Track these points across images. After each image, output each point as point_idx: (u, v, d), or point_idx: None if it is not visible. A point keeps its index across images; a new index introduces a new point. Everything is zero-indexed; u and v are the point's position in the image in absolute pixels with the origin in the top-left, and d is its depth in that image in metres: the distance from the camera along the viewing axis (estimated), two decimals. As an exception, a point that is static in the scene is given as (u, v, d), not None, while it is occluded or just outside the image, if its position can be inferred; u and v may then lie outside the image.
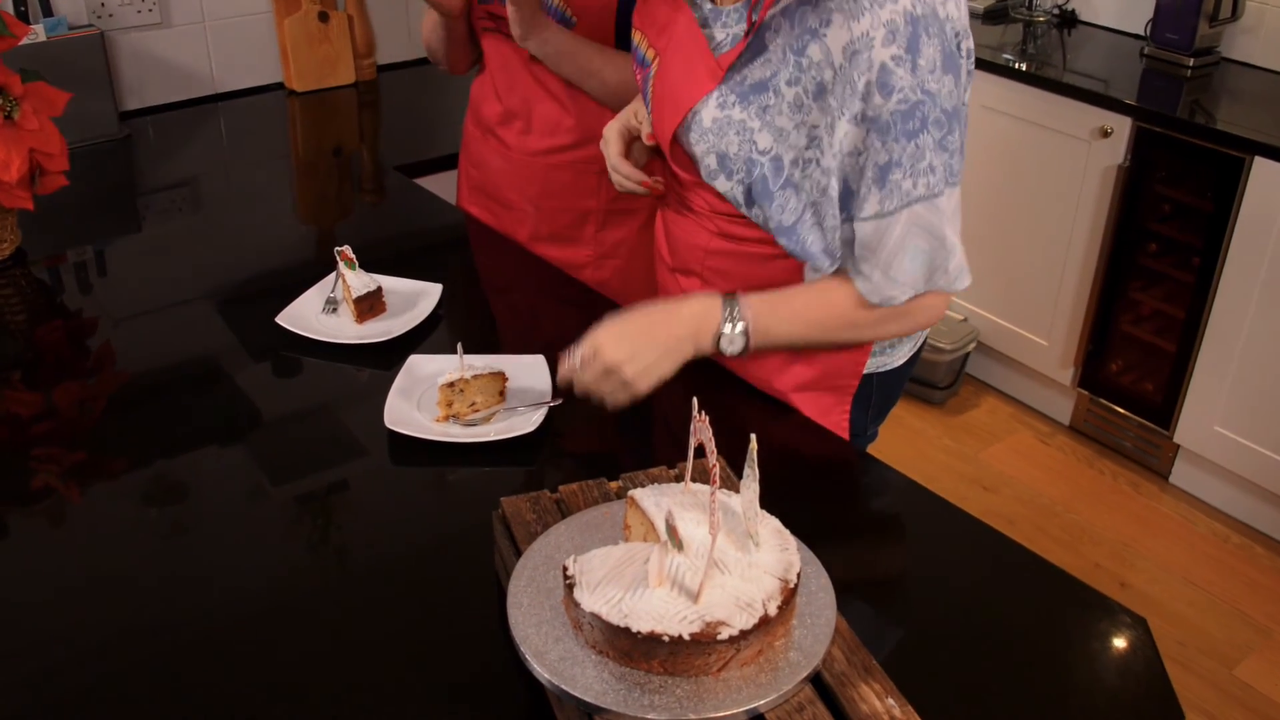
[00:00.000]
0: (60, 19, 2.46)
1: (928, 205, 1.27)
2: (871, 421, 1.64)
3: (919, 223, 1.28)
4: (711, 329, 1.36)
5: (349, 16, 2.84)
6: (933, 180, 1.26)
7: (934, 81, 1.22)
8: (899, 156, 1.24)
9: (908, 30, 1.19)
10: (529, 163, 1.94)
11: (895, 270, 1.32)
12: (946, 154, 1.26)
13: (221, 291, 1.85)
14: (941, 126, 1.24)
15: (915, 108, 1.22)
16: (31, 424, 1.51)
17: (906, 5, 1.19)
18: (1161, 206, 2.94)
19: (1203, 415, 2.97)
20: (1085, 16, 3.61)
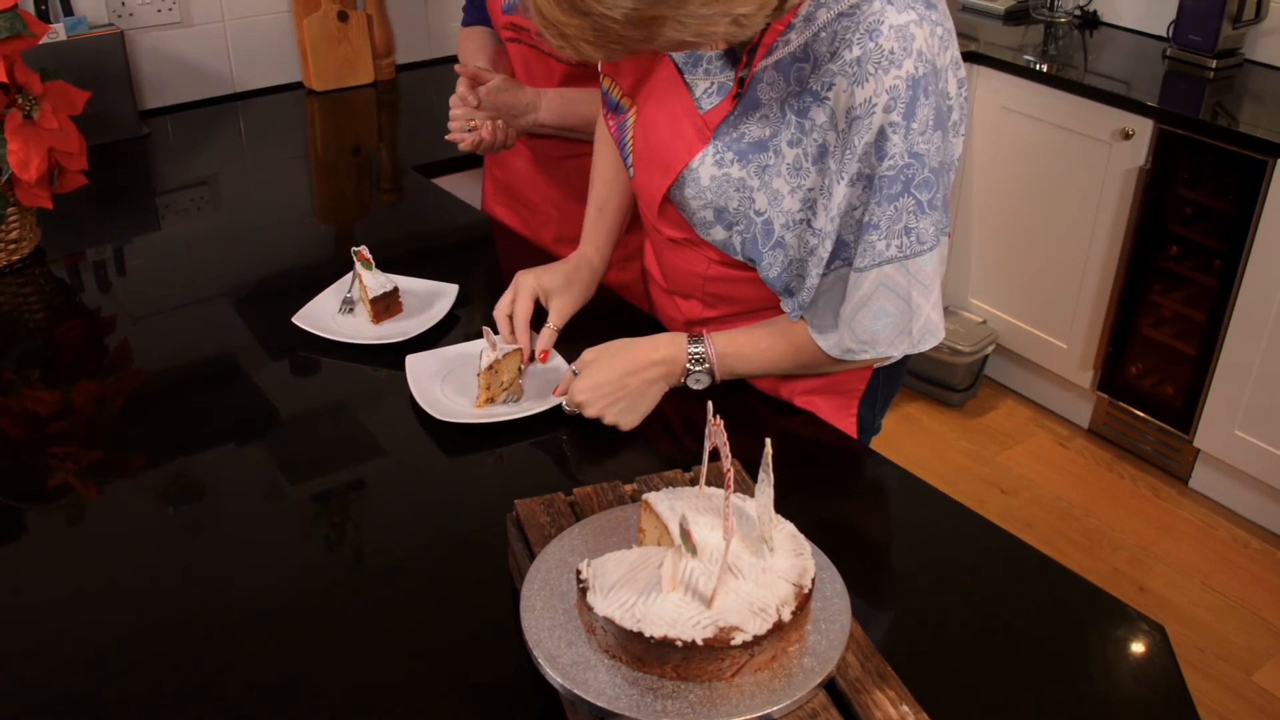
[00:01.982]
0: (80, 18, 2.47)
1: (899, 267, 1.28)
2: (878, 415, 1.65)
3: (888, 283, 1.29)
4: (679, 372, 1.42)
5: (368, 16, 2.85)
6: (907, 242, 1.27)
7: (924, 143, 1.22)
8: (878, 219, 1.25)
9: (908, 95, 1.20)
10: (552, 165, 1.94)
11: (858, 328, 1.33)
12: (931, 214, 1.27)
13: (239, 290, 1.85)
14: (928, 188, 1.25)
15: (902, 172, 1.23)
16: (50, 422, 1.51)
17: (910, 69, 1.19)
18: (1183, 209, 2.92)
19: (1223, 419, 2.94)
20: (1107, 17, 3.59)
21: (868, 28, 1.20)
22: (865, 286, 1.30)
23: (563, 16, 1.07)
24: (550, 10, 1.07)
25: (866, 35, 1.20)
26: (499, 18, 1.90)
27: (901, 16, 1.19)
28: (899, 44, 1.19)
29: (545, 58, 1.86)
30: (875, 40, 1.19)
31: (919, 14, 1.20)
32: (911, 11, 1.20)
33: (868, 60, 1.19)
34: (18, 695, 1.08)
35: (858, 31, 1.20)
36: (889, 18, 1.19)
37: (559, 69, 1.85)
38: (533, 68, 1.89)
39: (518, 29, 1.87)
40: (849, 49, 1.21)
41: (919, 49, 1.19)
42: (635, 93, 1.46)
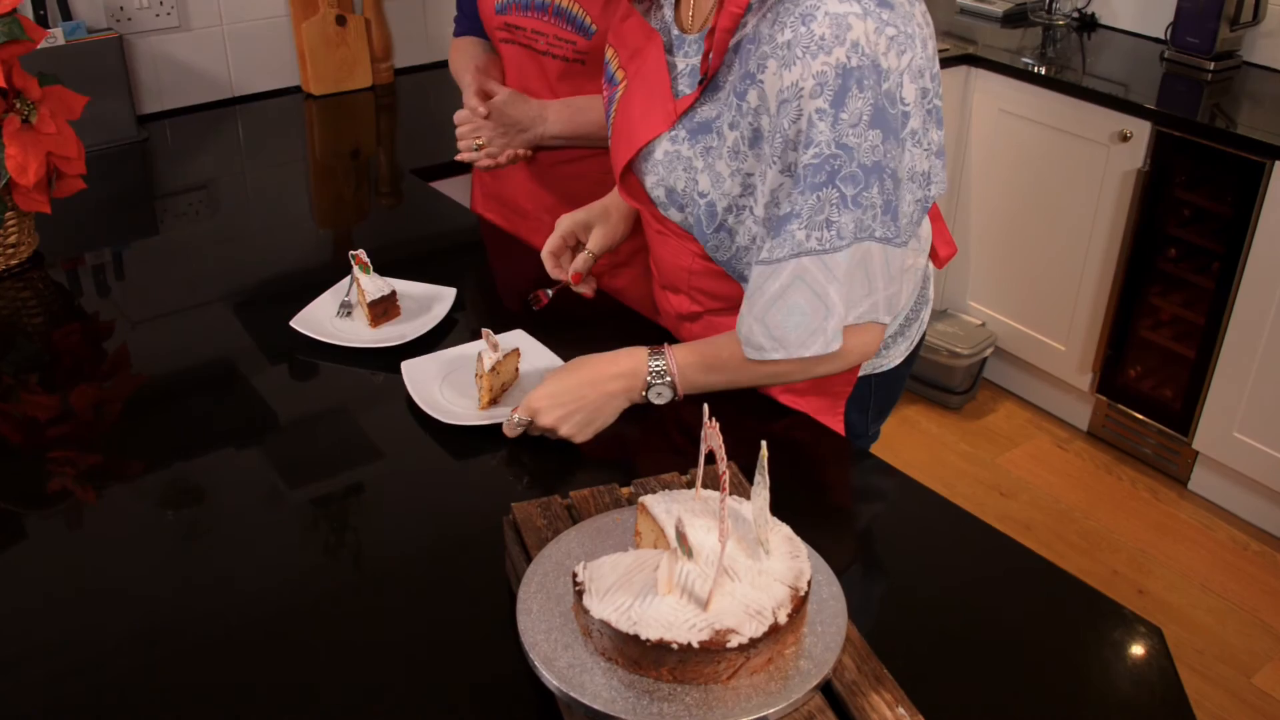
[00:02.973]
0: (79, 23, 2.47)
1: (817, 260, 1.25)
2: (872, 422, 1.64)
3: (804, 276, 1.26)
4: (640, 386, 1.40)
5: (366, 20, 2.85)
6: (827, 235, 1.23)
7: (854, 136, 1.20)
8: (800, 208, 1.23)
9: (837, 83, 1.18)
10: (545, 171, 1.95)
11: (770, 321, 1.30)
12: (857, 210, 1.23)
13: (238, 294, 1.85)
14: (855, 182, 1.21)
15: (826, 161, 1.20)
16: (48, 426, 1.51)
17: (840, 57, 1.17)
18: (1181, 211, 2.92)
19: (1222, 421, 2.94)
20: (1105, 20, 3.59)
21: (803, 13, 1.19)
22: (782, 277, 1.26)
23: None
24: None
25: (800, 19, 1.19)
26: (492, 19, 1.90)
27: (842, 6, 1.18)
28: (831, 31, 1.17)
29: (539, 58, 1.86)
30: (808, 25, 1.18)
31: (864, 8, 1.18)
32: (855, 4, 1.18)
33: (797, 44, 1.18)
34: (17, 700, 1.08)
35: (793, 14, 1.19)
36: (827, 4, 1.18)
37: (553, 68, 1.86)
38: (526, 69, 1.90)
39: (511, 29, 1.87)
40: (782, 31, 1.20)
41: (855, 40, 1.17)
42: (628, 66, 1.46)
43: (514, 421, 1.38)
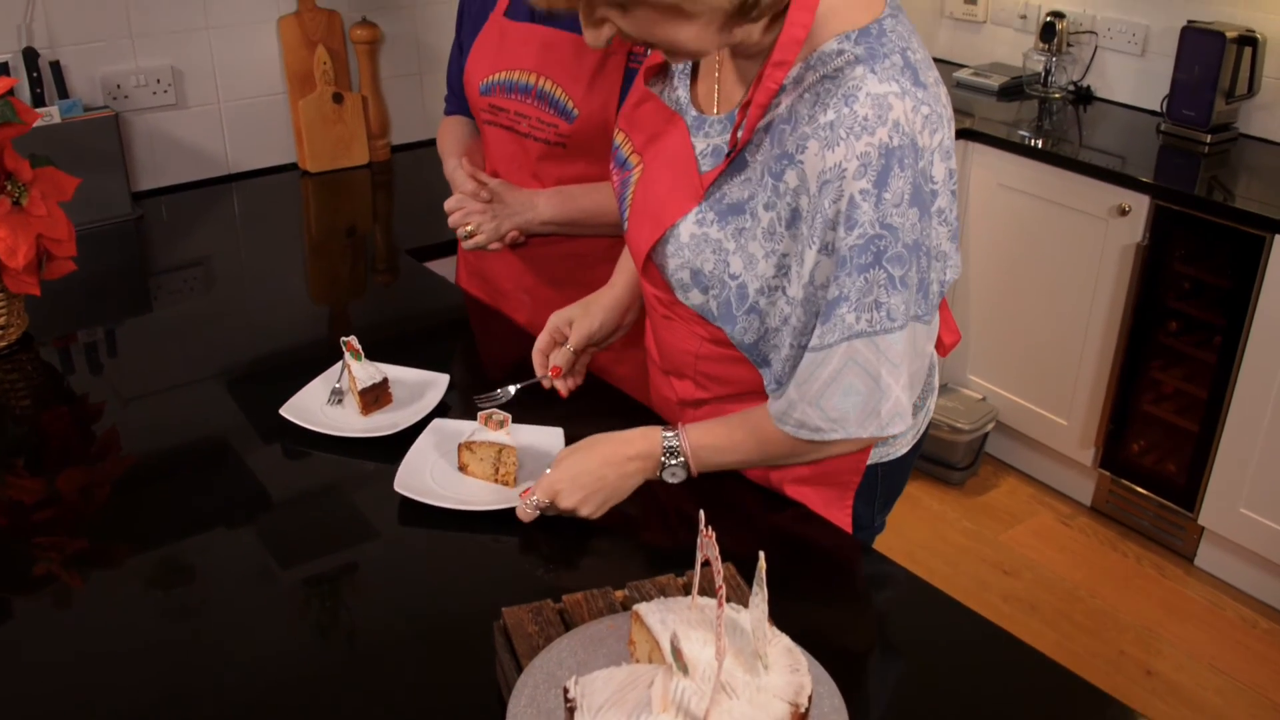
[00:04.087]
0: (75, 101, 2.47)
1: (868, 342, 1.24)
2: (879, 512, 1.60)
3: (857, 359, 1.25)
4: (655, 466, 1.41)
5: (364, 97, 2.85)
6: (877, 316, 1.23)
7: (898, 215, 1.19)
8: (848, 291, 1.22)
9: (880, 163, 1.17)
10: (525, 252, 1.94)
11: (825, 404, 1.29)
12: (904, 291, 1.23)
13: (232, 372, 1.84)
14: (901, 263, 1.21)
15: (872, 242, 1.19)
16: (34, 510, 1.49)
17: (883, 137, 1.17)
18: (1181, 284, 2.91)
19: (1227, 497, 2.91)
20: (1100, 93, 3.60)
21: (845, 93, 1.18)
22: (834, 362, 1.25)
23: None
24: None
25: (843, 100, 1.18)
26: (477, 100, 1.91)
27: (882, 86, 1.18)
28: (874, 111, 1.17)
29: (521, 139, 1.87)
30: (850, 105, 1.17)
31: (902, 87, 1.18)
32: (894, 84, 1.18)
33: (840, 124, 1.17)
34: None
35: (835, 95, 1.19)
36: (868, 85, 1.18)
37: (535, 150, 1.86)
38: (508, 150, 1.90)
39: (495, 110, 1.88)
40: (824, 112, 1.19)
41: (895, 119, 1.17)
42: (645, 150, 1.44)
43: (531, 504, 1.38)
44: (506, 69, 1.85)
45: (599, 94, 1.77)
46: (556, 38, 1.80)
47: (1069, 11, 3.59)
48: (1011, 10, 3.82)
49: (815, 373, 1.27)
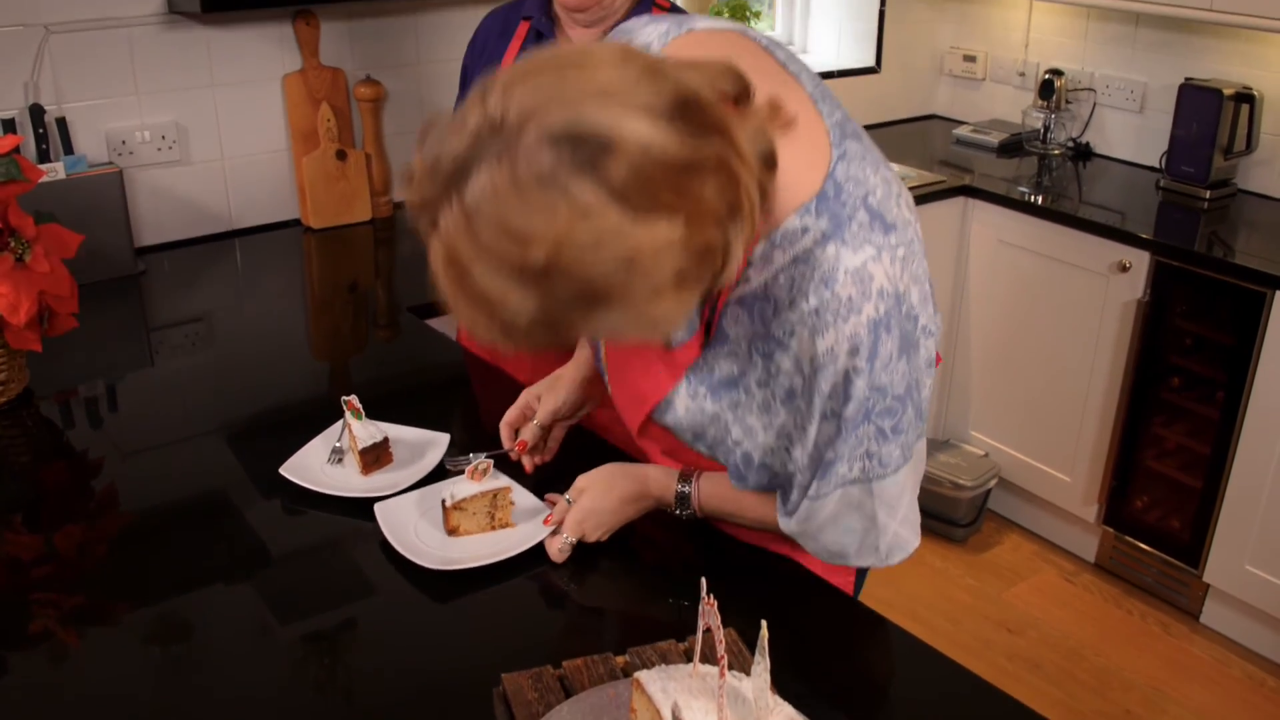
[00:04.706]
0: (80, 157, 2.48)
1: (863, 488, 1.23)
2: None
3: (850, 502, 1.25)
4: (667, 506, 1.47)
5: (367, 154, 2.87)
6: (869, 465, 1.22)
7: (885, 375, 1.17)
8: (842, 450, 1.21)
9: (870, 338, 1.14)
10: None
11: (825, 540, 1.30)
12: (895, 438, 1.21)
13: (232, 427, 1.84)
14: (891, 415, 1.19)
15: (863, 404, 1.17)
16: (32, 567, 1.49)
17: (870, 312, 1.13)
18: (1183, 340, 2.91)
19: (1232, 553, 2.89)
20: (1100, 149, 3.63)
21: (823, 276, 1.13)
22: (830, 506, 1.26)
23: (470, 312, 0.97)
24: (458, 306, 0.98)
25: (823, 284, 1.13)
26: None
27: (857, 256, 1.13)
28: (857, 289, 1.12)
29: None
30: (832, 288, 1.13)
31: (876, 246, 1.13)
32: (868, 247, 1.13)
33: (825, 310, 1.13)
34: None
35: (813, 280, 1.14)
36: (844, 261, 1.12)
37: None
38: None
39: None
40: (806, 299, 1.15)
41: (879, 287, 1.13)
42: None
43: (561, 544, 1.43)
44: None
45: None
46: None
47: (1067, 69, 3.62)
48: (1010, 68, 3.85)
49: (813, 515, 1.28)
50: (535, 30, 1.90)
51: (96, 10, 2.49)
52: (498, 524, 1.48)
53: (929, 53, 4.07)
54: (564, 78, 0.92)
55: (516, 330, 0.96)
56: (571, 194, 0.89)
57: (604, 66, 0.93)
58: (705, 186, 0.94)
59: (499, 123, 0.90)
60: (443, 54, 2.97)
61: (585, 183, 0.89)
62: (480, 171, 0.90)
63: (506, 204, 0.89)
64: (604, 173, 0.89)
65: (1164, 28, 3.38)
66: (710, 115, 0.95)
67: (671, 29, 1.25)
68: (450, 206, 0.92)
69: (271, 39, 2.73)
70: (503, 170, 0.89)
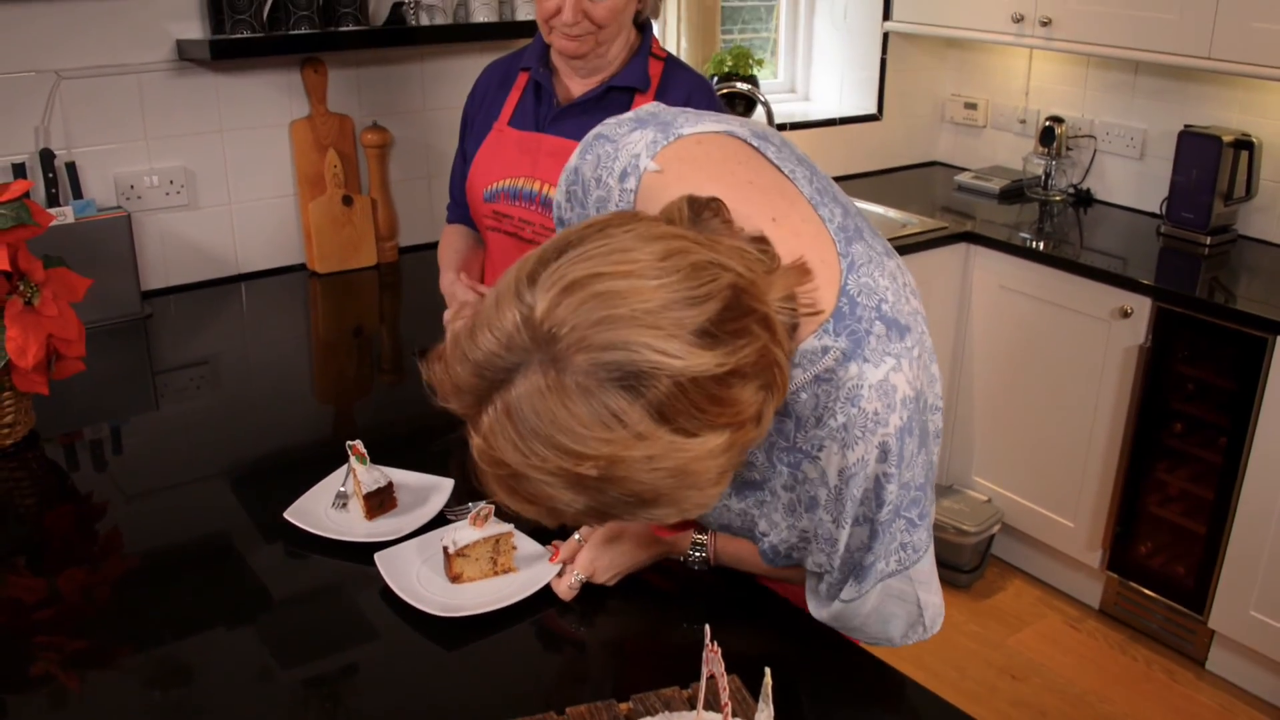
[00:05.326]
0: (89, 201, 2.51)
1: (902, 578, 1.25)
2: None
3: (892, 593, 1.27)
4: (679, 554, 1.48)
5: (373, 199, 2.89)
6: (905, 555, 1.24)
7: (910, 471, 1.18)
8: (879, 550, 1.22)
9: (898, 445, 1.15)
10: None
11: (872, 632, 1.32)
12: (922, 523, 1.23)
13: (236, 470, 1.84)
14: (917, 504, 1.21)
15: (894, 504, 1.19)
16: (34, 610, 1.48)
17: (896, 423, 1.14)
18: (1185, 386, 2.92)
19: (1237, 599, 2.88)
20: (1100, 195, 3.65)
21: (848, 394, 1.14)
22: (872, 600, 1.27)
23: (518, 504, 1.00)
24: (504, 497, 1.00)
25: (849, 402, 1.14)
26: (480, 207, 1.93)
27: (879, 371, 1.13)
28: (883, 403, 1.14)
29: (525, 245, 1.89)
30: (858, 405, 1.14)
31: (895, 357, 1.14)
32: (888, 359, 1.14)
33: (854, 425, 1.14)
34: None
35: (839, 399, 1.15)
36: (868, 377, 1.13)
37: None
38: (512, 256, 1.92)
39: (499, 216, 1.91)
40: (833, 416, 1.15)
41: (903, 397, 1.14)
42: None
43: (572, 583, 1.43)
44: (510, 176, 1.88)
45: None
46: (560, 145, 1.84)
47: (1068, 116, 3.65)
48: (1011, 115, 3.89)
49: (855, 610, 1.28)
50: (534, 81, 1.93)
51: (108, 57, 2.53)
52: (500, 569, 1.48)
53: (930, 100, 4.11)
54: (608, 300, 0.92)
55: (563, 515, 0.99)
56: (629, 422, 0.91)
57: (648, 280, 0.93)
58: (746, 389, 0.97)
59: (543, 332, 0.92)
60: (447, 101, 3.00)
61: (635, 407, 0.91)
62: (525, 378, 0.93)
63: (557, 419, 0.92)
64: (650, 396, 0.91)
65: (1163, 76, 3.41)
66: (748, 306, 0.97)
67: (658, 137, 1.23)
68: (493, 408, 0.95)
69: (280, 86, 2.77)
70: (549, 384, 0.92)
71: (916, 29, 3.81)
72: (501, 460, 0.96)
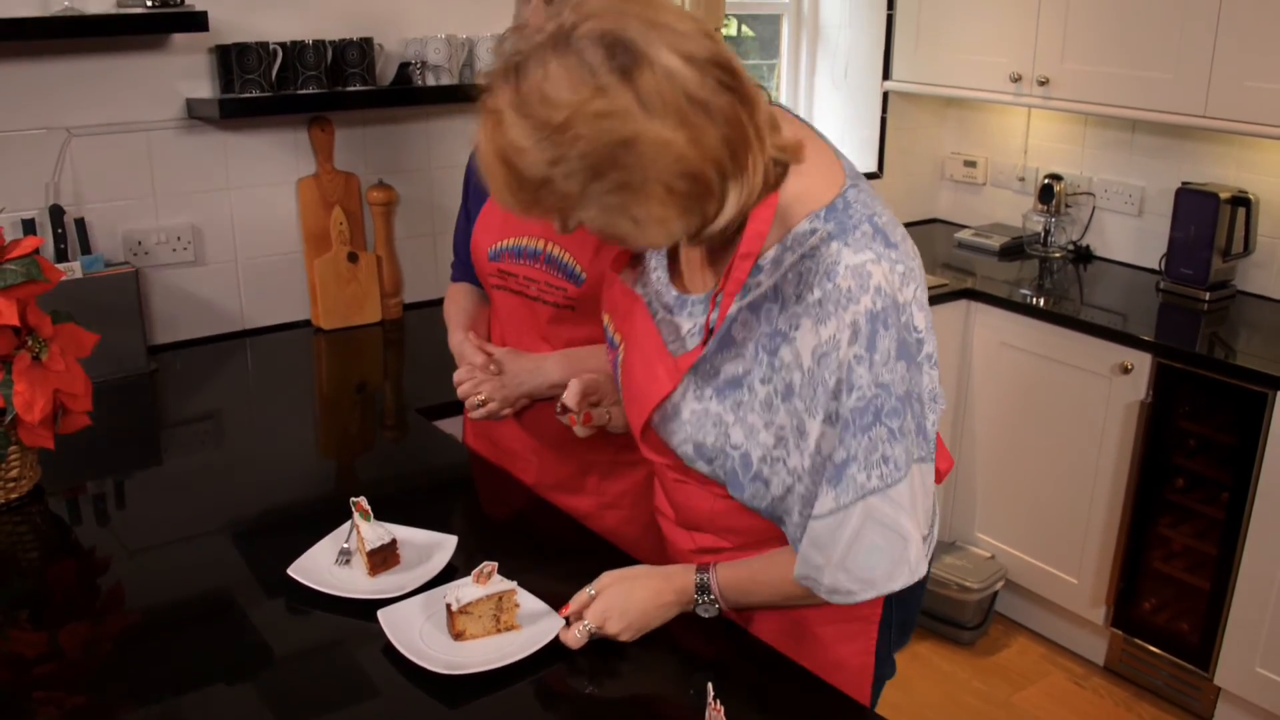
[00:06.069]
0: (98, 256, 2.53)
1: (883, 497, 1.28)
2: (895, 642, 1.61)
3: (874, 515, 1.29)
4: (689, 602, 1.49)
5: (378, 256, 2.92)
6: (886, 470, 1.27)
7: (888, 372, 1.25)
8: (855, 451, 1.26)
9: (868, 329, 1.23)
10: (534, 414, 1.95)
11: (853, 565, 1.31)
12: (904, 440, 1.28)
13: (239, 526, 1.84)
14: (897, 415, 1.26)
15: (870, 402, 1.25)
16: (35, 665, 1.48)
17: (868, 304, 1.23)
18: (1187, 441, 2.92)
19: (1243, 655, 2.86)
20: (1099, 252, 3.68)
21: (826, 269, 1.25)
22: (853, 521, 1.29)
23: (492, 162, 1.17)
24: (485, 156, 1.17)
25: (825, 277, 1.25)
26: (485, 265, 1.95)
27: (858, 256, 1.24)
28: (856, 282, 1.23)
29: (530, 303, 1.90)
30: (833, 280, 1.24)
31: (876, 253, 1.25)
32: (868, 251, 1.25)
33: (828, 300, 1.24)
34: None
35: (817, 274, 1.26)
36: (845, 258, 1.24)
37: (544, 314, 1.89)
38: (518, 314, 1.94)
39: (504, 275, 1.92)
40: (810, 291, 1.26)
41: (876, 285, 1.24)
42: (623, 331, 1.51)
43: (583, 630, 1.44)
44: (515, 235, 1.89)
45: (606, 258, 1.82)
46: None
47: (1066, 173, 3.69)
48: (1010, 173, 3.92)
49: (836, 535, 1.30)
50: None
51: (118, 115, 2.56)
52: (503, 627, 1.48)
53: (930, 158, 4.15)
54: (630, 4, 1.14)
55: (527, 184, 1.15)
56: (600, 79, 1.10)
57: (669, 8, 1.15)
58: (711, 127, 1.13)
59: (565, 27, 1.12)
60: (452, 160, 3.04)
61: (614, 77, 1.10)
62: (538, 60, 1.12)
63: (549, 78, 1.11)
64: (631, 76, 1.10)
65: (1160, 133, 3.45)
66: (736, 83, 1.15)
67: None
68: (507, 85, 1.14)
69: (287, 144, 2.80)
70: (555, 56, 1.11)
71: (916, 88, 3.86)
72: (495, 109, 1.14)
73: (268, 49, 2.60)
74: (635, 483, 1.96)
